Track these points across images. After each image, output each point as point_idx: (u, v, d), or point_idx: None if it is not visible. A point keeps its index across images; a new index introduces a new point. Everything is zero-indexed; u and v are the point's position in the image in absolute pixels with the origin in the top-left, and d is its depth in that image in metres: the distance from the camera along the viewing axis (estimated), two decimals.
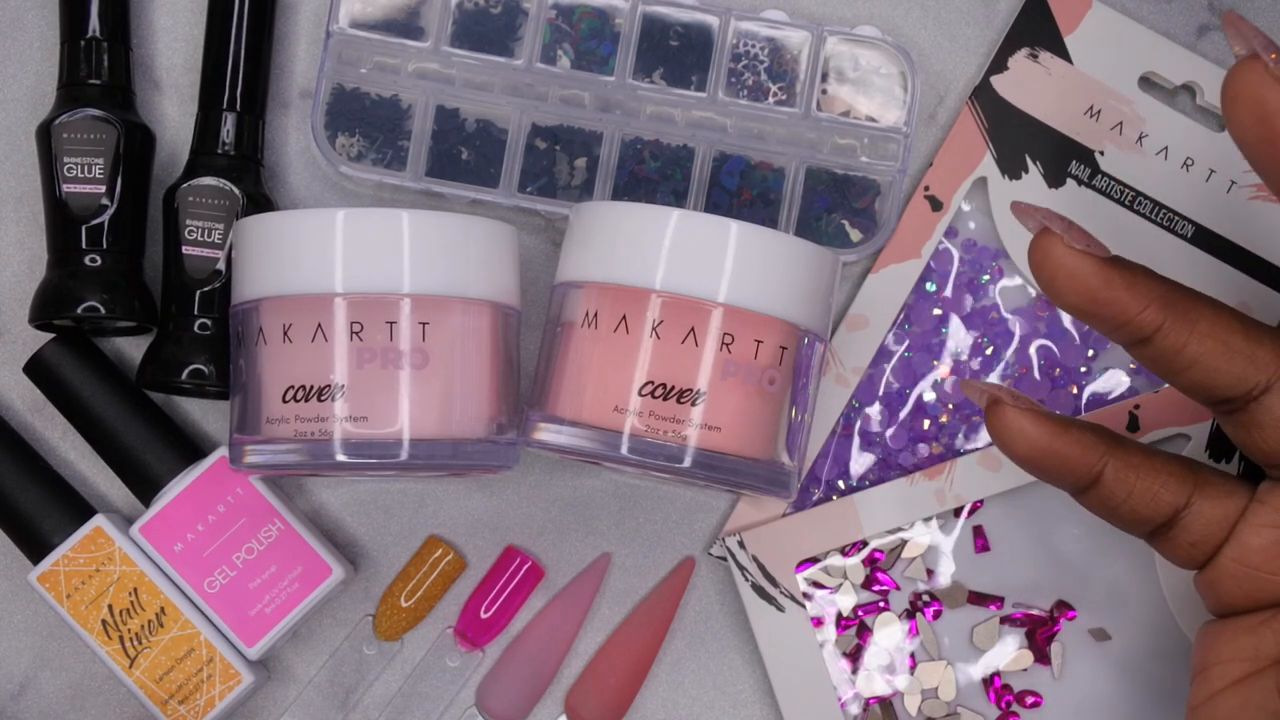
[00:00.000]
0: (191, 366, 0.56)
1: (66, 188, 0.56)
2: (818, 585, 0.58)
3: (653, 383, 0.49)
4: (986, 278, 0.59)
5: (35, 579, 0.56)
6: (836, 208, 0.59)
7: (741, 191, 0.59)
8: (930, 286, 0.59)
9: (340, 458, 0.49)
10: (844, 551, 0.59)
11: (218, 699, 0.56)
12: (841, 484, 0.59)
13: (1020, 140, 0.59)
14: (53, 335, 0.57)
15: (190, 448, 0.58)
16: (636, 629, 0.59)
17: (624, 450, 0.49)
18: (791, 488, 0.52)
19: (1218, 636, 0.48)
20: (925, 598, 0.58)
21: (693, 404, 0.49)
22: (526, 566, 0.59)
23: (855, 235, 0.59)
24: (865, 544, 0.58)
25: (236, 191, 0.56)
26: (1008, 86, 0.59)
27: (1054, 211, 0.47)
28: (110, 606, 0.56)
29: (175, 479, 0.57)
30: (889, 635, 0.58)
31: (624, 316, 0.49)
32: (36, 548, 0.56)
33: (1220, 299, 0.58)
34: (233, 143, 0.57)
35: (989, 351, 0.59)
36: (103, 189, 0.56)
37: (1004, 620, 0.58)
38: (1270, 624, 0.47)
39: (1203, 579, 0.48)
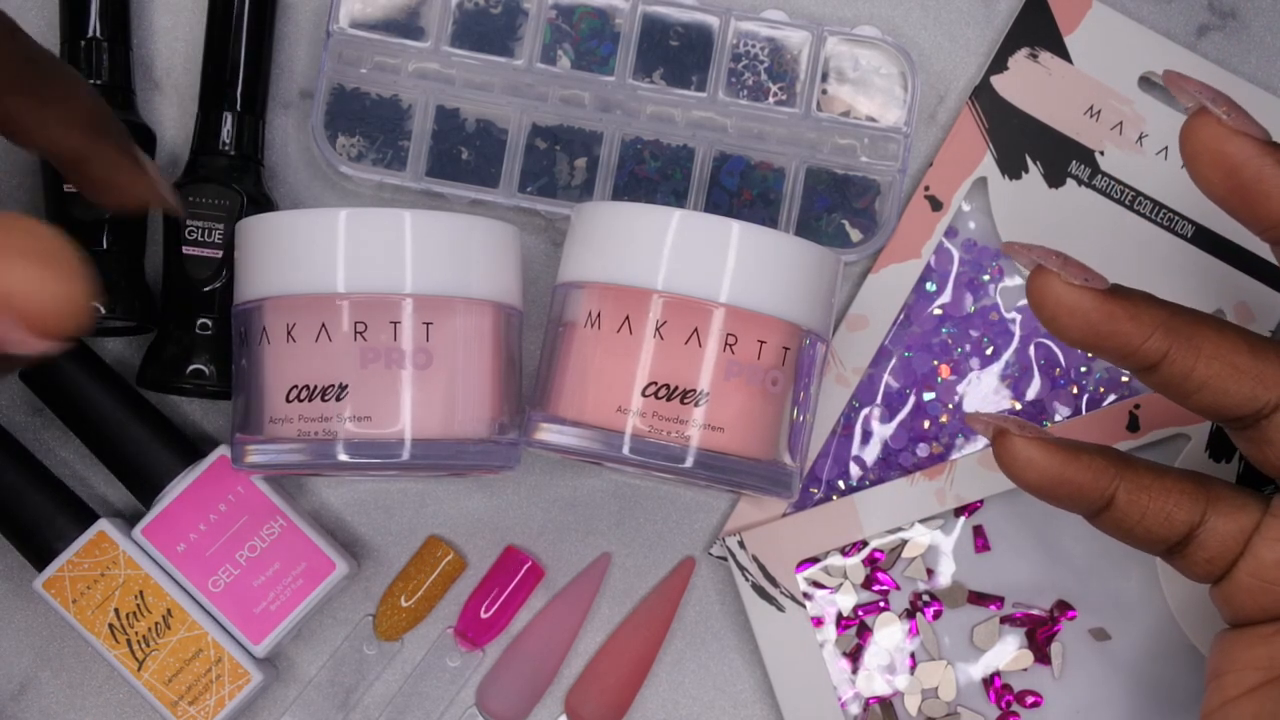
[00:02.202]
0: (192, 366, 0.56)
1: (66, 187, 0.56)
2: (818, 585, 0.58)
3: (655, 383, 0.49)
4: (986, 278, 0.59)
5: (40, 585, 0.56)
6: (836, 208, 0.59)
7: (741, 191, 0.59)
8: (930, 286, 0.59)
9: (343, 458, 0.49)
10: (844, 551, 0.59)
11: (228, 698, 0.56)
12: (841, 484, 0.59)
13: (1020, 140, 0.59)
14: None
15: (189, 448, 0.58)
16: (636, 629, 0.59)
17: (626, 450, 0.49)
18: (793, 488, 0.52)
19: (1233, 645, 0.48)
20: (925, 598, 0.59)
21: (695, 404, 0.49)
22: (526, 566, 0.59)
23: (855, 235, 0.59)
24: (865, 544, 0.59)
25: (237, 192, 0.56)
26: (1008, 86, 0.59)
27: (1047, 248, 0.46)
28: (117, 610, 0.56)
29: (175, 479, 0.57)
30: (889, 635, 0.58)
31: (627, 317, 0.49)
32: (40, 554, 0.56)
33: (1220, 299, 0.58)
34: (233, 143, 0.57)
35: (989, 351, 0.59)
36: None
37: (1004, 620, 0.58)
38: None
39: (1218, 592, 0.48)
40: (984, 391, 0.59)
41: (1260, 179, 0.45)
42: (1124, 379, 0.59)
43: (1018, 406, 0.59)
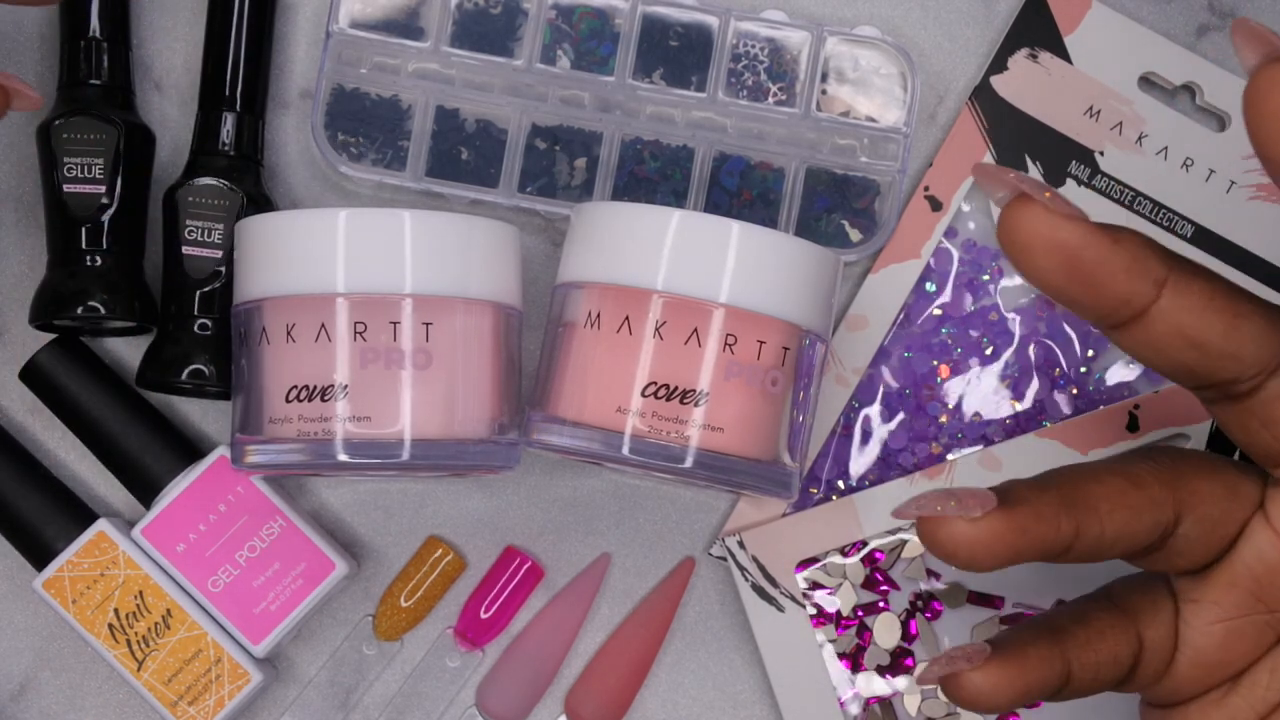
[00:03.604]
0: (191, 366, 0.56)
1: (66, 188, 0.56)
2: (818, 585, 0.58)
3: (655, 383, 0.49)
4: (986, 277, 0.59)
5: (40, 585, 0.56)
6: (836, 208, 0.59)
7: (741, 192, 0.59)
8: (930, 286, 0.59)
9: (342, 458, 0.49)
10: (844, 551, 0.59)
11: (227, 698, 0.56)
12: (841, 484, 0.59)
13: (1020, 140, 0.59)
14: (49, 339, 0.57)
15: (189, 448, 0.58)
16: (636, 629, 0.59)
17: (625, 451, 0.49)
18: (793, 488, 0.52)
19: None
20: (925, 598, 0.59)
21: (695, 404, 0.49)
22: (526, 566, 0.59)
23: (855, 235, 0.59)
24: (865, 544, 0.59)
25: (237, 192, 0.56)
26: (1007, 86, 0.59)
27: (1027, 175, 0.42)
28: (116, 610, 0.56)
29: (175, 480, 0.57)
30: (889, 635, 0.58)
31: (627, 317, 0.49)
32: (40, 554, 0.56)
33: None
34: (233, 143, 0.57)
35: (989, 351, 0.59)
36: (103, 189, 0.56)
37: (1004, 620, 0.58)
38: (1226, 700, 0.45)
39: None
40: (984, 391, 0.59)
41: (1103, 260, 0.40)
42: (1124, 380, 0.59)
43: (1018, 406, 0.59)
